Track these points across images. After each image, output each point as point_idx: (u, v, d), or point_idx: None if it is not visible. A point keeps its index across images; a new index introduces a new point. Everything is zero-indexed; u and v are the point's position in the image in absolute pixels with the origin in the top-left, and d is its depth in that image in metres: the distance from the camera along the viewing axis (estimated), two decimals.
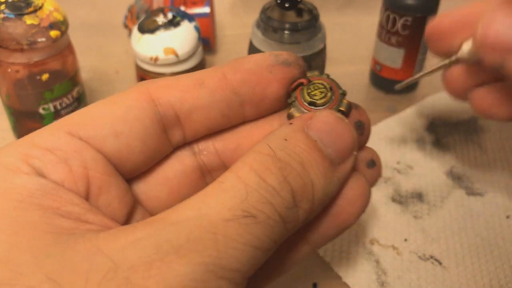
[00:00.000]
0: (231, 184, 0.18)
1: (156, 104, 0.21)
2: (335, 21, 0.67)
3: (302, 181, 0.19)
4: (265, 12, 0.45)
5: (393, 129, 0.51)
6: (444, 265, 0.39)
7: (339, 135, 0.21)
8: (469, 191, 0.45)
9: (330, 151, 0.21)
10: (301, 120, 0.21)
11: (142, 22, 0.49)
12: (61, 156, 0.19)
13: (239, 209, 0.18)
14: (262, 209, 0.18)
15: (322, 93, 0.23)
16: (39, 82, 0.43)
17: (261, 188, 0.18)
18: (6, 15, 0.41)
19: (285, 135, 0.20)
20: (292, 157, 0.19)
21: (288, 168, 0.19)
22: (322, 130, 0.21)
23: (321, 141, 0.20)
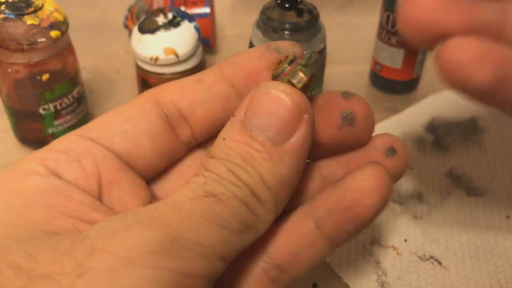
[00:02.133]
0: (192, 180, 0.20)
1: (160, 103, 0.23)
2: (335, 21, 0.67)
3: (247, 173, 0.19)
4: (265, 12, 0.45)
5: (393, 129, 0.51)
6: (444, 265, 0.39)
7: (271, 112, 0.20)
8: (469, 192, 0.45)
9: (269, 133, 0.20)
10: (241, 107, 0.21)
11: (142, 22, 0.49)
12: (74, 156, 0.21)
13: (201, 190, 0.19)
14: (222, 191, 0.19)
15: (279, 67, 0.22)
16: (39, 82, 0.44)
17: (216, 177, 0.19)
18: (7, 15, 0.41)
19: (224, 134, 0.20)
20: (231, 154, 0.20)
21: (229, 163, 0.19)
22: (255, 113, 0.20)
23: (257, 127, 0.20)
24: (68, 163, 0.21)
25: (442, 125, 0.51)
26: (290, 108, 0.20)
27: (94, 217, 0.19)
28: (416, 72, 0.55)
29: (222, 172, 0.19)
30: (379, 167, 0.22)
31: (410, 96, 0.57)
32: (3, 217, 0.19)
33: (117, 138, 0.22)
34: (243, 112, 0.20)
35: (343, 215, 0.22)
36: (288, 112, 0.20)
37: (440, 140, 0.50)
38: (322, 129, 0.23)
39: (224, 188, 0.19)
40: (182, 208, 0.18)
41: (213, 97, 0.23)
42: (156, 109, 0.23)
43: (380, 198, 0.22)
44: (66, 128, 0.48)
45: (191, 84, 0.23)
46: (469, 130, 0.51)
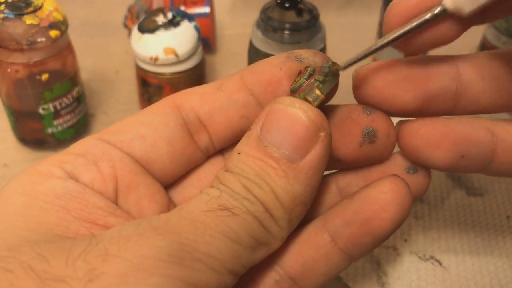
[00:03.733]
0: (206, 192, 0.20)
1: (180, 109, 0.23)
2: (335, 21, 0.67)
3: (261, 190, 0.19)
4: (265, 12, 0.45)
5: None
6: (444, 265, 0.39)
7: (289, 129, 0.19)
8: (469, 192, 0.45)
9: (283, 150, 0.19)
10: (257, 122, 0.20)
11: (142, 22, 0.49)
12: (91, 159, 0.21)
13: (215, 203, 0.19)
14: (237, 205, 0.19)
15: (300, 79, 0.21)
16: (39, 82, 0.43)
17: (231, 192, 0.19)
18: (6, 15, 0.41)
19: (240, 148, 0.20)
20: (245, 170, 0.20)
21: (243, 179, 0.19)
22: (270, 130, 0.20)
23: (272, 144, 0.19)
24: (85, 165, 0.21)
25: None
26: (306, 126, 0.19)
27: (109, 221, 0.19)
28: None
29: (237, 187, 0.19)
30: (399, 179, 0.22)
31: None
32: (18, 220, 0.19)
33: (135, 142, 0.22)
34: (259, 127, 0.20)
35: (361, 227, 0.21)
36: (304, 130, 0.19)
37: None
38: (342, 144, 0.23)
39: (238, 202, 0.19)
40: (196, 220, 0.18)
41: (232, 104, 0.23)
42: (175, 114, 0.22)
43: (399, 211, 0.21)
44: (66, 128, 0.48)
45: (211, 91, 0.23)
46: None
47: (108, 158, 0.21)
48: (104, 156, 0.21)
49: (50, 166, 0.20)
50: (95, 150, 0.21)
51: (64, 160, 0.21)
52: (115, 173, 0.21)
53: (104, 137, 0.22)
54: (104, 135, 0.22)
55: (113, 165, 0.21)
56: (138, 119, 0.22)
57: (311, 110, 0.20)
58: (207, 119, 0.23)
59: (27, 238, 0.18)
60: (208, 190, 0.20)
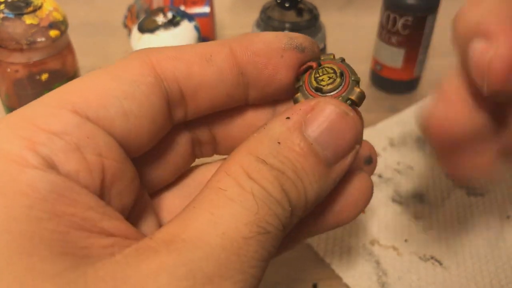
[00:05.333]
0: (237, 194, 0.17)
1: (162, 77, 0.20)
2: (335, 21, 0.67)
3: (296, 191, 0.18)
4: (265, 12, 0.45)
5: (393, 129, 0.51)
6: (444, 265, 0.38)
7: (340, 134, 0.19)
8: (469, 192, 0.44)
9: (327, 152, 0.19)
10: (300, 114, 0.19)
11: (142, 22, 0.49)
12: (72, 143, 0.17)
13: (254, 224, 0.17)
14: (272, 222, 0.18)
15: (331, 78, 0.21)
16: (39, 82, 0.43)
17: (266, 198, 0.18)
18: (6, 15, 0.40)
19: (279, 136, 0.19)
20: (286, 164, 0.18)
21: (283, 177, 0.18)
22: (320, 129, 0.19)
23: (318, 143, 0.19)
24: (67, 152, 0.17)
25: None
26: (354, 135, 0.19)
27: (103, 226, 0.17)
28: (417, 72, 0.55)
29: (274, 189, 0.18)
30: (367, 176, 0.23)
31: (410, 96, 0.56)
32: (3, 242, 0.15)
33: (118, 120, 0.18)
34: (303, 121, 0.19)
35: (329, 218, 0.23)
36: (351, 137, 0.19)
37: None
38: None
39: (274, 218, 0.18)
40: (241, 254, 0.17)
41: (221, 82, 0.21)
42: (158, 85, 0.19)
43: (364, 205, 0.23)
44: None
45: (199, 61, 0.20)
46: None
47: (93, 143, 0.17)
48: (89, 141, 0.17)
49: (19, 148, 0.16)
50: (75, 130, 0.17)
51: (37, 141, 0.16)
52: (101, 163, 0.18)
53: (81, 111, 0.18)
54: (79, 105, 0.18)
55: (99, 152, 0.18)
56: (117, 88, 0.18)
57: (360, 121, 0.20)
58: (191, 94, 0.20)
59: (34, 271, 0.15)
60: (239, 192, 0.17)
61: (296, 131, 0.19)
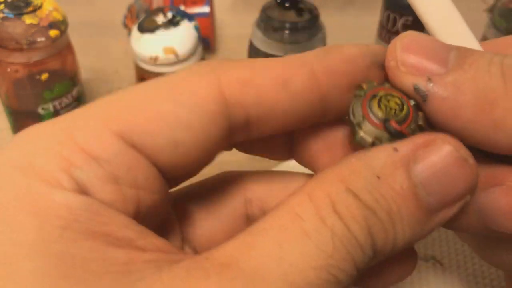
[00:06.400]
0: (314, 228, 0.15)
1: (228, 104, 0.17)
2: (335, 21, 0.67)
3: (385, 235, 0.16)
4: (265, 12, 0.45)
5: None
6: (445, 265, 0.38)
7: (452, 181, 0.16)
8: None
9: (432, 199, 0.16)
10: (410, 149, 0.16)
11: (141, 22, 0.49)
12: (110, 172, 0.16)
13: (324, 269, 0.15)
14: (345, 268, 0.15)
15: (399, 105, 0.17)
16: (39, 81, 0.43)
17: (347, 240, 0.15)
18: (6, 15, 0.40)
19: (380, 170, 0.16)
20: (380, 204, 0.16)
21: (373, 218, 0.16)
22: (431, 173, 0.16)
23: (424, 187, 0.16)
24: (103, 181, 0.16)
25: None
26: (469, 184, 0.17)
27: (140, 244, 0.16)
28: None
29: (359, 232, 0.15)
30: None
31: None
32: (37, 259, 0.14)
33: (167, 150, 0.16)
34: (412, 158, 0.16)
35: None
36: (464, 187, 0.17)
37: None
38: None
39: (351, 264, 0.15)
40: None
41: (295, 109, 0.18)
42: (221, 113, 0.17)
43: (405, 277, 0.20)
44: None
45: (274, 87, 0.17)
46: None
47: (133, 175, 0.16)
48: (130, 173, 0.16)
49: (54, 169, 0.15)
50: (116, 159, 0.16)
51: (74, 163, 0.15)
52: (137, 195, 0.16)
53: (127, 135, 0.16)
54: (125, 128, 0.16)
55: (136, 185, 0.16)
56: (174, 111, 0.16)
57: (477, 168, 0.17)
58: (256, 121, 0.18)
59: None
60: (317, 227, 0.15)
61: (402, 167, 0.16)
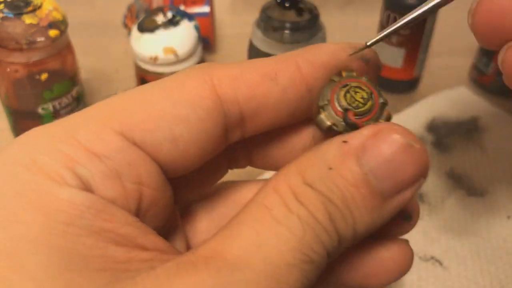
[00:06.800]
0: (283, 215, 0.16)
1: (222, 100, 0.18)
2: (335, 21, 0.67)
3: (344, 221, 0.17)
4: (265, 12, 0.45)
5: None
6: (445, 265, 0.38)
7: (401, 167, 0.17)
8: (469, 192, 0.44)
9: (384, 185, 0.17)
10: (359, 140, 0.17)
11: (141, 22, 0.49)
12: (113, 168, 0.16)
13: (299, 251, 0.16)
14: (317, 249, 0.17)
15: (364, 99, 0.19)
16: (38, 81, 0.43)
17: (313, 224, 0.16)
18: (5, 15, 0.40)
19: (332, 161, 0.17)
20: (334, 192, 0.17)
21: (331, 206, 0.17)
22: (379, 160, 0.17)
23: (374, 174, 0.17)
24: (105, 177, 0.16)
25: (443, 125, 0.51)
26: (418, 168, 0.17)
27: (141, 242, 0.16)
28: (417, 71, 0.55)
29: (320, 215, 0.17)
30: (407, 244, 0.21)
31: (410, 95, 0.56)
32: (41, 253, 0.14)
33: (165, 146, 0.17)
34: (360, 148, 0.17)
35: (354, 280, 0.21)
36: (414, 171, 0.17)
37: (441, 140, 0.50)
38: None
39: (320, 246, 0.17)
40: (282, 281, 0.16)
41: (285, 101, 0.19)
42: (217, 109, 0.18)
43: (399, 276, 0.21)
44: None
45: (262, 82, 0.19)
46: (470, 130, 0.51)
47: (134, 171, 0.17)
48: (131, 169, 0.17)
49: (58, 166, 0.16)
50: (118, 155, 0.16)
51: (77, 160, 0.16)
52: (140, 191, 0.17)
53: (128, 133, 0.17)
54: (126, 127, 0.17)
55: (139, 180, 0.17)
56: (170, 110, 0.17)
57: (426, 151, 0.18)
58: (250, 116, 0.19)
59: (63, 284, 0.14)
60: (286, 214, 0.17)
61: (352, 157, 0.17)
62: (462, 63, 0.60)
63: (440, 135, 0.50)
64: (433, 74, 0.59)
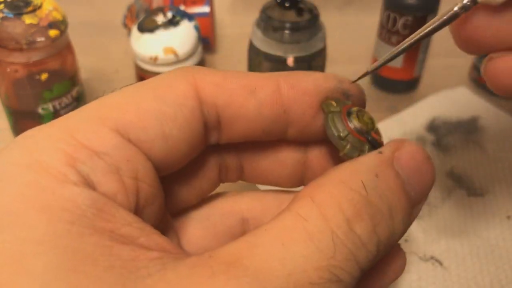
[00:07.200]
0: (317, 229, 0.16)
1: (202, 102, 0.19)
2: (335, 21, 0.67)
3: (388, 231, 0.17)
4: (265, 12, 0.45)
5: (393, 129, 0.51)
6: (444, 265, 0.38)
7: (424, 176, 0.19)
8: (469, 192, 0.44)
9: (413, 193, 0.18)
10: (390, 150, 0.19)
11: (141, 22, 0.49)
12: (112, 164, 0.17)
13: (326, 270, 0.16)
14: (347, 268, 0.16)
15: (370, 119, 0.20)
16: (38, 81, 0.43)
17: (349, 240, 0.16)
18: (5, 15, 0.40)
19: (376, 169, 0.18)
20: (383, 200, 0.17)
21: (378, 216, 0.17)
22: (410, 168, 0.18)
23: (408, 181, 0.18)
24: (106, 173, 0.17)
25: (443, 125, 0.51)
26: (432, 179, 0.19)
27: (143, 242, 0.16)
28: (417, 71, 0.55)
29: (364, 231, 0.16)
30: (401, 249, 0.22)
31: (410, 95, 0.56)
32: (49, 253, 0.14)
33: (157, 143, 0.18)
34: (395, 159, 0.18)
35: None
36: (431, 181, 0.19)
37: (441, 140, 0.50)
38: None
39: (353, 264, 0.16)
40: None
41: (260, 116, 0.20)
42: (198, 109, 0.19)
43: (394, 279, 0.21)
44: None
45: (242, 93, 0.20)
46: (470, 130, 0.51)
47: (131, 167, 0.17)
48: (129, 164, 0.17)
49: (60, 164, 0.16)
50: (115, 152, 0.17)
51: (77, 157, 0.16)
52: (137, 187, 0.18)
53: (123, 131, 0.17)
54: (121, 125, 0.17)
55: (136, 176, 0.17)
56: (159, 109, 0.18)
57: None
58: (227, 122, 0.20)
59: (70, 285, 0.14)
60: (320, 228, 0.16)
61: (390, 165, 0.18)
62: (462, 63, 0.60)
63: (440, 135, 0.50)
64: (433, 74, 0.59)
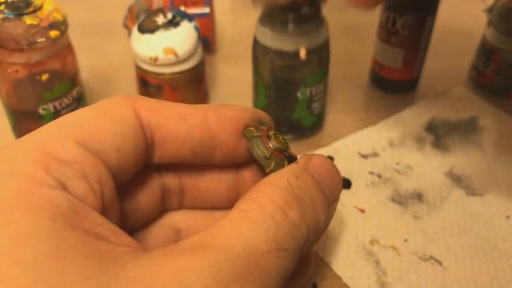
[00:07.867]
0: (259, 215, 0.20)
1: (141, 123, 0.22)
2: (335, 21, 0.67)
3: (314, 218, 0.22)
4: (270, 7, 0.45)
5: (393, 129, 0.51)
6: (444, 265, 0.39)
7: (334, 178, 0.24)
8: (468, 191, 0.44)
9: (328, 192, 0.23)
10: (304, 161, 0.23)
11: (142, 22, 0.49)
12: (79, 170, 0.19)
13: (274, 241, 0.19)
14: (289, 240, 0.20)
15: (284, 139, 0.25)
16: (39, 82, 0.43)
17: (286, 222, 0.20)
18: (6, 15, 0.41)
19: (296, 173, 0.22)
20: (306, 194, 0.22)
21: (304, 205, 0.21)
22: (322, 173, 0.23)
23: (322, 182, 0.23)
24: (76, 177, 0.19)
25: (442, 125, 0.51)
26: (340, 183, 0.24)
27: (114, 241, 0.18)
28: (416, 71, 0.55)
29: (295, 215, 0.21)
30: None
31: (410, 96, 0.56)
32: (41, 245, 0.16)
33: (111, 154, 0.21)
34: (308, 164, 0.23)
35: None
36: (340, 184, 0.24)
37: (440, 140, 0.50)
38: None
39: (293, 239, 0.20)
40: (261, 264, 0.19)
41: (189, 139, 0.23)
42: (140, 127, 0.22)
43: None
44: None
45: (173, 118, 0.23)
46: (469, 130, 0.51)
47: (96, 172, 0.20)
48: (93, 170, 0.19)
49: (35, 170, 0.18)
50: (81, 160, 0.19)
51: (49, 165, 0.18)
52: (102, 190, 0.20)
53: (84, 144, 0.20)
54: (81, 138, 0.20)
55: (100, 180, 0.20)
56: (111, 125, 0.21)
57: None
58: (159, 143, 0.23)
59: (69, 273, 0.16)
60: (260, 215, 0.20)
61: (306, 171, 0.23)
62: (462, 63, 0.60)
63: (439, 135, 0.50)
64: (432, 74, 0.59)
